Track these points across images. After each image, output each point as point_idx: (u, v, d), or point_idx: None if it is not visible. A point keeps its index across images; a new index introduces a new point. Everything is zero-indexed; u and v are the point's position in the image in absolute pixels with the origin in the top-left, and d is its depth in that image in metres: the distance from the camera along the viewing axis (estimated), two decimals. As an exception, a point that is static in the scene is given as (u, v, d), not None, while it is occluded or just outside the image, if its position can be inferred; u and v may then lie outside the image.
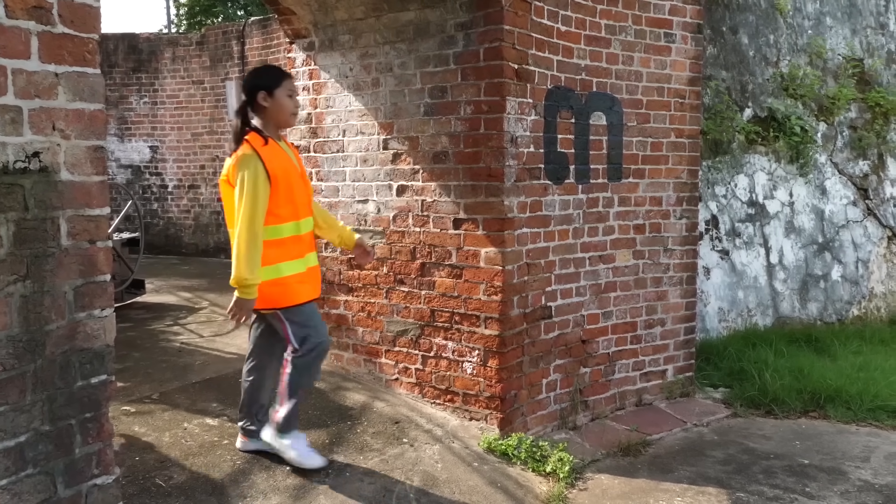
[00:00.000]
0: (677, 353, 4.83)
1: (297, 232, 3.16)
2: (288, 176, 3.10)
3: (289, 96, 3.15)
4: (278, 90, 3.11)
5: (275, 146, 3.10)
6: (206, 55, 9.78)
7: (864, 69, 6.98)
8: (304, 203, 3.20)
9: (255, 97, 3.12)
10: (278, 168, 3.05)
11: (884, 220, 6.84)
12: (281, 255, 3.10)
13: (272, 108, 3.11)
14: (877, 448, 4.09)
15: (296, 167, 3.21)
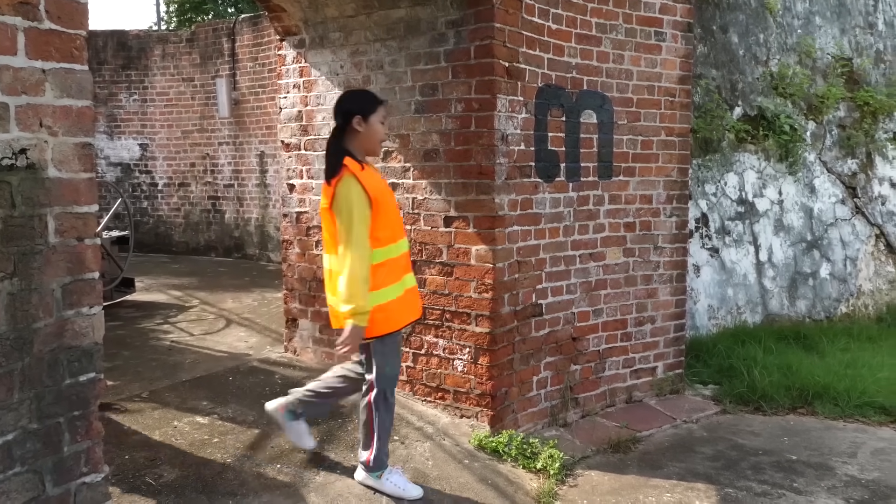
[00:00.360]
0: (667, 350, 4.85)
1: (396, 254, 3.08)
2: (386, 198, 3.06)
3: (381, 122, 3.11)
4: (373, 116, 3.06)
5: (370, 169, 3.07)
6: (196, 52, 9.74)
7: (852, 68, 7.02)
8: (400, 224, 3.15)
9: (349, 121, 3.04)
10: (377, 191, 2.99)
11: (872, 219, 6.89)
12: (382, 279, 3.01)
13: (365, 133, 3.05)
14: (864, 444, 4.12)
15: (390, 189, 3.19)
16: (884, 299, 6.88)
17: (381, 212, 2.99)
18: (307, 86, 4.57)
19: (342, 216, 2.92)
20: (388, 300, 3.03)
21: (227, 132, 9.60)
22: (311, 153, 4.59)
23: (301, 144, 4.64)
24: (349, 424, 3.85)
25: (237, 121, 9.46)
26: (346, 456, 3.51)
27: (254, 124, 9.30)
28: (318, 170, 4.56)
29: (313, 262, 4.65)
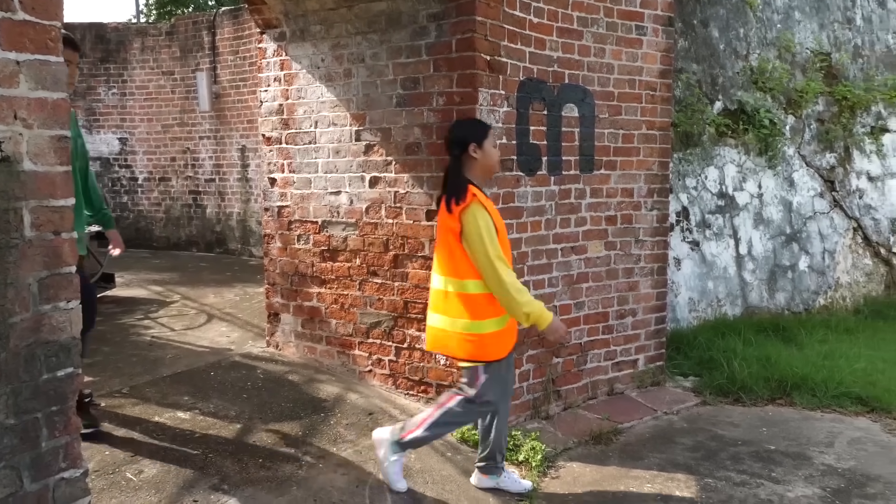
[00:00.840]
0: (648, 342, 4.89)
1: None
2: (502, 227, 3.16)
3: (494, 147, 3.23)
4: (486, 141, 3.16)
5: (488, 199, 3.17)
6: (175, 46, 9.64)
7: (831, 63, 7.09)
8: (509, 252, 3.22)
9: (466, 150, 3.13)
10: (498, 220, 3.12)
11: (849, 212, 6.98)
12: (497, 308, 3.09)
13: (482, 159, 3.15)
14: (840, 433, 4.18)
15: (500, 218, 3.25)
16: (861, 291, 6.98)
17: (502, 239, 3.11)
18: (288, 79, 4.54)
19: (476, 243, 3.01)
20: (501, 328, 3.13)
21: (207, 126, 9.52)
22: (292, 147, 4.57)
23: (282, 138, 4.61)
24: (332, 418, 3.84)
25: (218, 115, 9.38)
26: (330, 450, 3.51)
27: (235, 118, 9.23)
28: (299, 163, 4.54)
29: (295, 256, 4.63)
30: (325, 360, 4.56)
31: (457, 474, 3.47)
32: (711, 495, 3.42)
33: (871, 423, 4.37)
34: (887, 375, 4.92)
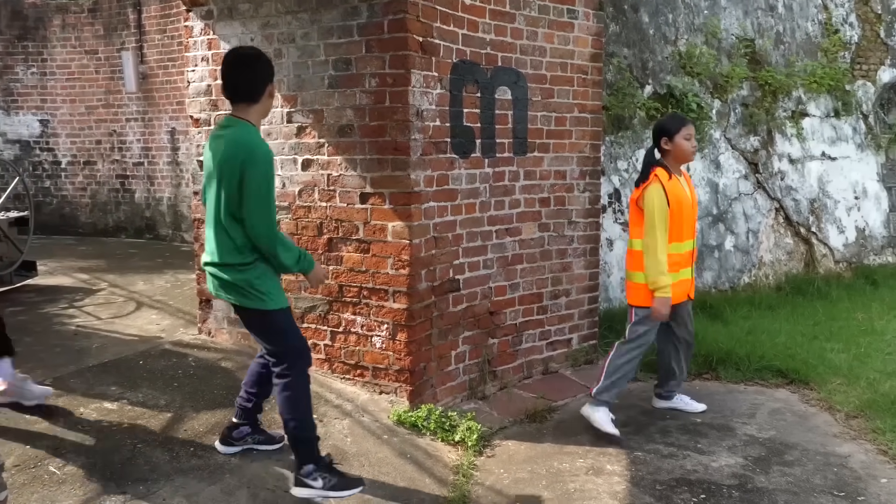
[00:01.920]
0: (582, 322, 5.00)
1: (677, 251, 3.87)
2: (681, 206, 3.84)
3: (686, 139, 3.89)
4: (677, 136, 3.88)
5: (675, 181, 3.86)
6: (99, 23, 9.24)
7: (755, 49, 7.32)
8: (689, 228, 3.93)
9: (659, 141, 3.93)
10: (675, 198, 3.80)
11: (772, 193, 7.25)
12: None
13: (673, 149, 3.90)
14: (762, 405, 4.37)
15: (688, 198, 3.93)
16: (783, 269, 7.28)
17: (674, 215, 3.80)
18: (216, 59, 4.41)
19: (647, 214, 3.76)
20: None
21: (135, 108, 9.19)
22: (221, 129, 4.45)
23: (211, 120, 4.49)
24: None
25: (146, 96, 9.06)
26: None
27: (164, 99, 8.93)
28: (229, 146, 4.43)
29: (227, 241, 4.53)
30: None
31: (393, 456, 3.48)
32: (640, 468, 3.53)
33: (790, 394, 4.58)
34: (805, 349, 5.16)
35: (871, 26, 8.27)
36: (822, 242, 7.60)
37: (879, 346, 5.32)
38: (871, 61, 8.21)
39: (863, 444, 3.81)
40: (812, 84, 7.61)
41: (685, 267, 4.00)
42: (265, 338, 3.03)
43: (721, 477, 3.43)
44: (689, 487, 3.33)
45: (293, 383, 3.00)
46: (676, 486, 3.34)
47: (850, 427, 4.03)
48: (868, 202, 8.03)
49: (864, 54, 8.19)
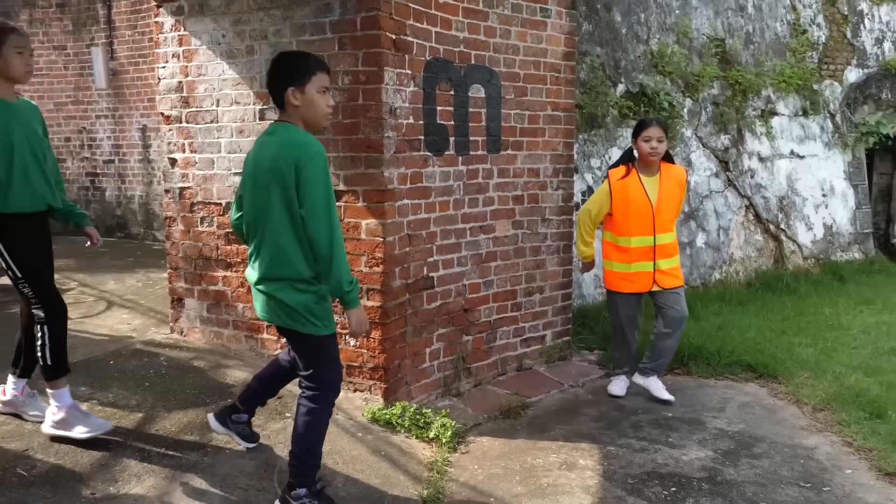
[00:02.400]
0: (555, 318, 5.04)
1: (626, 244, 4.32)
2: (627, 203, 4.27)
3: (645, 141, 4.23)
4: (638, 138, 4.28)
5: (634, 180, 4.29)
6: (68, 18, 9.09)
7: (725, 49, 7.43)
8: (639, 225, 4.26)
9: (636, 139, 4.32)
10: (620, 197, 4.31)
11: (742, 191, 7.37)
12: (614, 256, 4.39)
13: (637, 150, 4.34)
14: (731, 399, 4.44)
15: (643, 197, 4.25)
16: (752, 266, 7.40)
17: (618, 211, 4.29)
18: (187, 55, 4.37)
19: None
20: (613, 270, 4.39)
21: (105, 105, 9.05)
22: (193, 126, 4.41)
23: (182, 117, 4.45)
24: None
25: (116, 92, 8.93)
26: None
27: (135, 96, 8.81)
28: (200, 143, 4.40)
29: (198, 239, 4.49)
30: (233, 345, 4.47)
31: (367, 454, 3.48)
32: (613, 462, 3.57)
33: (759, 388, 4.66)
34: (774, 344, 5.26)
35: (838, 27, 8.44)
36: (791, 239, 7.75)
37: (845, 340, 5.44)
38: (837, 61, 8.38)
39: (829, 436, 3.89)
40: (781, 83, 7.75)
41: (642, 261, 4.29)
42: (306, 361, 2.84)
43: (691, 470, 3.49)
44: (661, 480, 3.38)
45: (319, 411, 2.85)
46: (648, 480, 3.38)
47: (817, 420, 4.11)
48: (835, 200, 8.20)
49: (832, 54, 8.35)
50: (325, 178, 2.63)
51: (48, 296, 3.21)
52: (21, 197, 3.15)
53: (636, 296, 4.42)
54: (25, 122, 3.20)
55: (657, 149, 4.22)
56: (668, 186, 4.30)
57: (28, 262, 3.16)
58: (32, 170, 3.19)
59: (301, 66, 2.72)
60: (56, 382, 3.24)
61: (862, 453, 3.66)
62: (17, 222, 3.16)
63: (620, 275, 4.37)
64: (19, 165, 3.13)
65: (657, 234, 4.26)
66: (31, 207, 3.21)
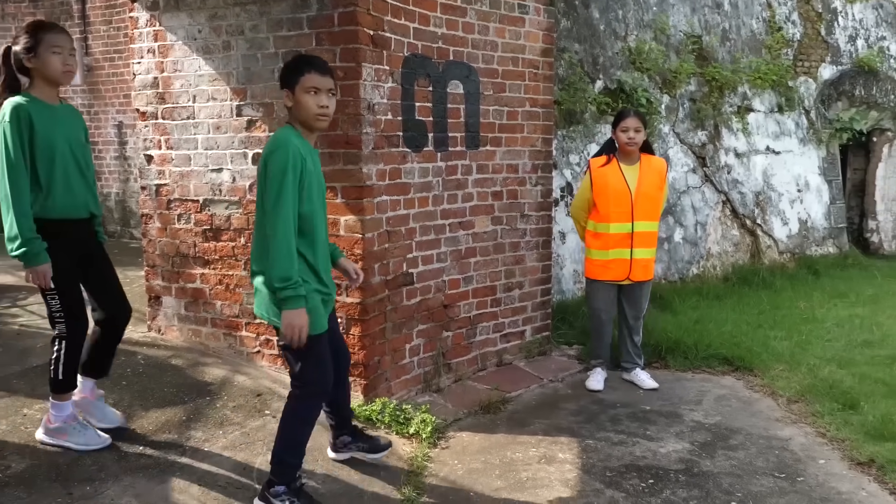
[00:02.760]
0: (535, 314, 5.06)
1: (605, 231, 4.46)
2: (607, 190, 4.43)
3: (622, 132, 4.38)
4: (616, 128, 4.44)
5: (614, 168, 4.44)
6: (41, 13, 8.94)
7: (702, 45, 7.49)
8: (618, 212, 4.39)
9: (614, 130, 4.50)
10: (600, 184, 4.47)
11: (719, 186, 7.44)
12: (592, 244, 4.55)
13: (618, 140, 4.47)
14: (708, 392, 4.50)
15: (622, 185, 4.38)
16: (729, 260, 7.48)
17: (599, 198, 4.44)
18: (163, 51, 4.33)
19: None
20: (592, 258, 4.54)
21: (80, 101, 8.93)
22: (169, 122, 4.37)
23: (158, 113, 4.41)
24: (218, 401, 3.76)
25: (91, 88, 8.82)
26: (215, 433, 3.44)
27: (110, 92, 8.71)
28: (177, 139, 4.36)
29: (175, 236, 4.46)
30: (211, 343, 4.44)
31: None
32: (591, 455, 3.60)
33: (735, 380, 4.72)
34: (750, 337, 5.33)
35: (813, 24, 8.54)
36: (767, 234, 7.84)
37: (820, 333, 5.52)
38: (812, 58, 8.49)
39: (803, 427, 3.95)
40: (757, 80, 7.83)
41: (619, 247, 4.43)
42: (292, 359, 2.82)
43: (669, 462, 3.53)
44: (638, 473, 3.41)
45: (303, 410, 2.87)
46: (626, 472, 3.42)
47: (792, 411, 4.18)
48: (810, 195, 8.31)
49: (806, 51, 8.46)
50: (281, 175, 2.62)
51: (72, 312, 3.07)
52: (63, 204, 3.03)
53: (613, 286, 4.53)
54: (68, 127, 3.08)
55: (634, 139, 4.37)
56: (648, 176, 4.42)
57: (61, 276, 3.02)
58: (74, 176, 3.07)
59: (291, 68, 2.76)
60: (62, 395, 3.17)
61: (835, 444, 3.72)
62: (58, 230, 3.02)
63: (598, 262, 4.50)
64: (61, 171, 3.01)
65: (635, 222, 4.39)
66: (74, 214, 3.10)
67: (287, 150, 2.64)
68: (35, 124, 2.93)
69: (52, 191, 3.00)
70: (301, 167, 2.66)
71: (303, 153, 2.69)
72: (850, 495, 3.21)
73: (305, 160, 2.70)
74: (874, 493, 3.23)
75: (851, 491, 3.24)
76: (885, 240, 9.36)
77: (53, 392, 3.16)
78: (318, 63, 2.77)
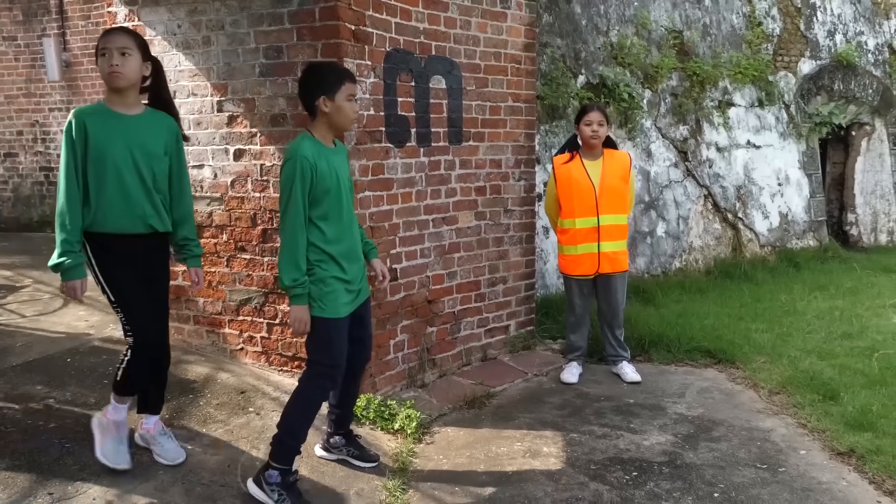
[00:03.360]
0: (519, 308, 5.07)
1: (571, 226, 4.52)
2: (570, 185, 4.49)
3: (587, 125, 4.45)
4: (580, 122, 4.50)
5: (577, 164, 4.51)
6: (17, 8, 8.81)
7: (683, 40, 7.53)
8: (582, 206, 4.45)
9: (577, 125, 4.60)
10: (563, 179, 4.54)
11: (701, 181, 7.49)
12: (562, 239, 4.62)
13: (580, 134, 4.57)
14: (691, 385, 4.53)
15: (585, 180, 4.44)
16: (711, 254, 7.54)
17: (563, 193, 4.50)
18: (142, 46, 4.27)
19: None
20: (563, 254, 4.60)
21: (58, 97, 8.82)
22: (149, 118, 4.32)
23: (138, 109, 4.35)
24: (201, 399, 3.74)
25: (70, 85, 8.71)
26: (199, 431, 3.42)
27: (89, 89, 8.59)
28: (158, 136, 4.31)
29: (157, 233, 4.41)
30: (194, 341, 4.41)
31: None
32: (576, 448, 3.62)
33: (717, 373, 4.76)
34: (732, 330, 5.38)
35: (792, 19, 8.62)
36: (748, 228, 7.91)
37: (800, 325, 5.58)
38: (791, 53, 8.56)
39: (784, 418, 4.00)
40: (737, 75, 7.89)
41: (587, 242, 4.48)
42: (306, 340, 3.04)
43: (652, 455, 3.55)
44: (622, 466, 3.43)
45: (305, 392, 3.00)
46: (610, 465, 3.44)
47: (773, 403, 4.22)
48: (790, 188, 8.39)
49: (786, 46, 8.53)
50: (289, 187, 2.83)
51: (138, 326, 2.95)
52: (115, 216, 2.86)
53: (588, 280, 4.59)
54: (134, 135, 2.88)
55: (598, 132, 4.43)
56: (611, 169, 4.49)
57: (119, 288, 2.92)
58: (133, 187, 2.87)
59: (330, 76, 2.96)
60: (120, 398, 3.10)
61: (815, 434, 3.77)
62: (112, 243, 2.90)
63: (569, 258, 4.56)
64: (114, 181, 2.83)
65: (601, 215, 4.45)
66: (129, 229, 2.91)
67: (295, 161, 2.82)
68: (89, 133, 2.81)
69: (101, 203, 2.84)
70: (311, 175, 2.83)
71: (313, 160, 2.84)
72: (831, 485, 3.25)
73: (317, 166, 2.85)
74: (854, 482, 3.28)
75: (832, 481, 3.29)
76: (864, 233, 9.48)
77: (114, 391, 3.11)
78: (351, 74, 3.06)
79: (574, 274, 4.56)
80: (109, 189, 2.85)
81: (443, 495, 3.18)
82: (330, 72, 3.00)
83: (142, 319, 2.96)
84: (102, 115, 2.88)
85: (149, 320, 2.98)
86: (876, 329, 5.45)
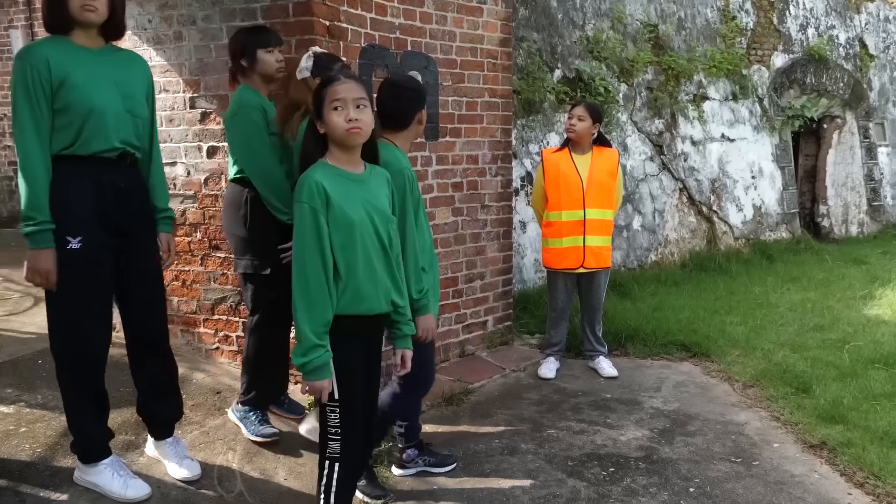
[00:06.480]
0: (496, 304, 5.08)
1: (557, 219, 4.53)
2: (558, 178, 4.49)
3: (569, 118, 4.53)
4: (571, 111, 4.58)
5: (565, 156, 4.53)
6: (-18, -1, 8.61)
7: (658, 34, 7.57)
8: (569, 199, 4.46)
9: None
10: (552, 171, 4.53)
11: (676, 174, 7.55)
12: (547, 232, 4.62)
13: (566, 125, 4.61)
14: (667, 378, 4.58)
15: (573, 173, 4.46)
16: (687, 247, 7.61)
17: (551, 185, 4.51)
18: (112, 41, 4.19)
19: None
20: (547, 247, 4.59)
21: (26, 90, 8.62)
22: (120, 115, 4.24)
23: (108, 105, 4.27)
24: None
25: (38, 78, 8.51)
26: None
27: (58, 82, 8.42)
28: (129, 133, 4.23)
29: (129, 232, 4.34)
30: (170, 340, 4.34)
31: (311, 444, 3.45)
32: (553, 445, 3.64)
33: (693, 367, 4.81)
34: (707, 323, 5.44)
35: (765, 13, 8.69)
36: (723, 220, 8.00)
37: (773, 317, 5.66)
38: (765, 47, 8.65)
39: (758, 411, 4.05)
40: (712, 69, 7.95)
41: (572, 235, 4.49)
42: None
43: (629, 450, 3.58)
44: (599, 461, 3.46)
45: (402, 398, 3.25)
46: (587, 461, 3.46)
47: (747, 396, 4.28)
48: (764, 181, 8.49)
49: (759, 40, 8.61)
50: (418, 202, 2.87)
51: None
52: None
53: (572, 275, 4.61)
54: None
55: (575, 126, 4.45)
56: (600, 165, 4.51)
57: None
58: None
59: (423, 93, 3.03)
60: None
61: (788, 427, 3.83)
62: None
63: (554, 251, 4.57)
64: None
65: (587, 209, 4.46)
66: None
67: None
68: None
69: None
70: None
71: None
72: (803, 478, 3.30)
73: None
74: (826, 474, 3.33)
75: (804, 473, 3.34)
76: (836, 224, 9.63)
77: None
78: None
79: (558, 267, 4.57)
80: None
81: (421, 494, 3.18)
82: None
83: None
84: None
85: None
86: (847, 321, 5.54)
